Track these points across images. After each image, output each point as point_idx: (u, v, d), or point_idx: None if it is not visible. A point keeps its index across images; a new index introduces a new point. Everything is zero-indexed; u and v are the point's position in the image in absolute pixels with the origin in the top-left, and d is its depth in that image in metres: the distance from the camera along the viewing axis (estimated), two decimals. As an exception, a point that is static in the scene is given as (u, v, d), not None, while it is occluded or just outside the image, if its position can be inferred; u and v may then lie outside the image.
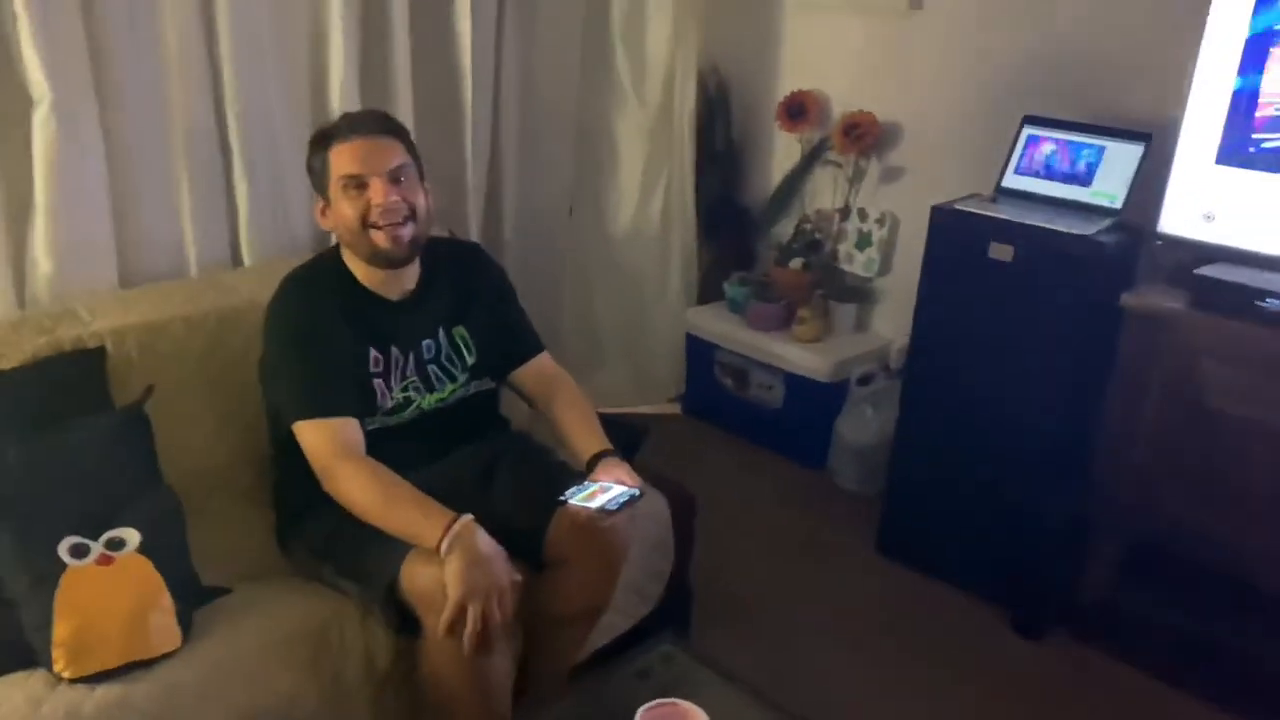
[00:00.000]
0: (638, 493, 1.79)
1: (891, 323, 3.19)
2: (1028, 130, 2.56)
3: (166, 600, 1.54)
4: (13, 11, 1.94)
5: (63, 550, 1.51)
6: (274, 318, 1.85)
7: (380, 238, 1.79)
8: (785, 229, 3.40)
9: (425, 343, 1.92)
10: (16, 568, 1.51)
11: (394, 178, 1.79)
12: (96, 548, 1.53)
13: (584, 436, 1.96)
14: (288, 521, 1.91)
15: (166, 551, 1.59)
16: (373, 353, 1.85)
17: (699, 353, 3.42)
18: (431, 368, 1.92)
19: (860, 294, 3.27)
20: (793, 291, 3.27)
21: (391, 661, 1.72)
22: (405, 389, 1.88)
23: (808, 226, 3.32)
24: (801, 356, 3.14)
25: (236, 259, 2.41)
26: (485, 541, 1.63)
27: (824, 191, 3.30)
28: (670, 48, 3.11)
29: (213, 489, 2.02)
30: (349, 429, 1.76)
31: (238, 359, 2.07)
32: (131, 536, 1.56)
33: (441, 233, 2.22)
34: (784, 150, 3.38)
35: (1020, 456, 2.42)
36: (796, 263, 3.27)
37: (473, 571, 1.58)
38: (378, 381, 1.85)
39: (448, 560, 1.59)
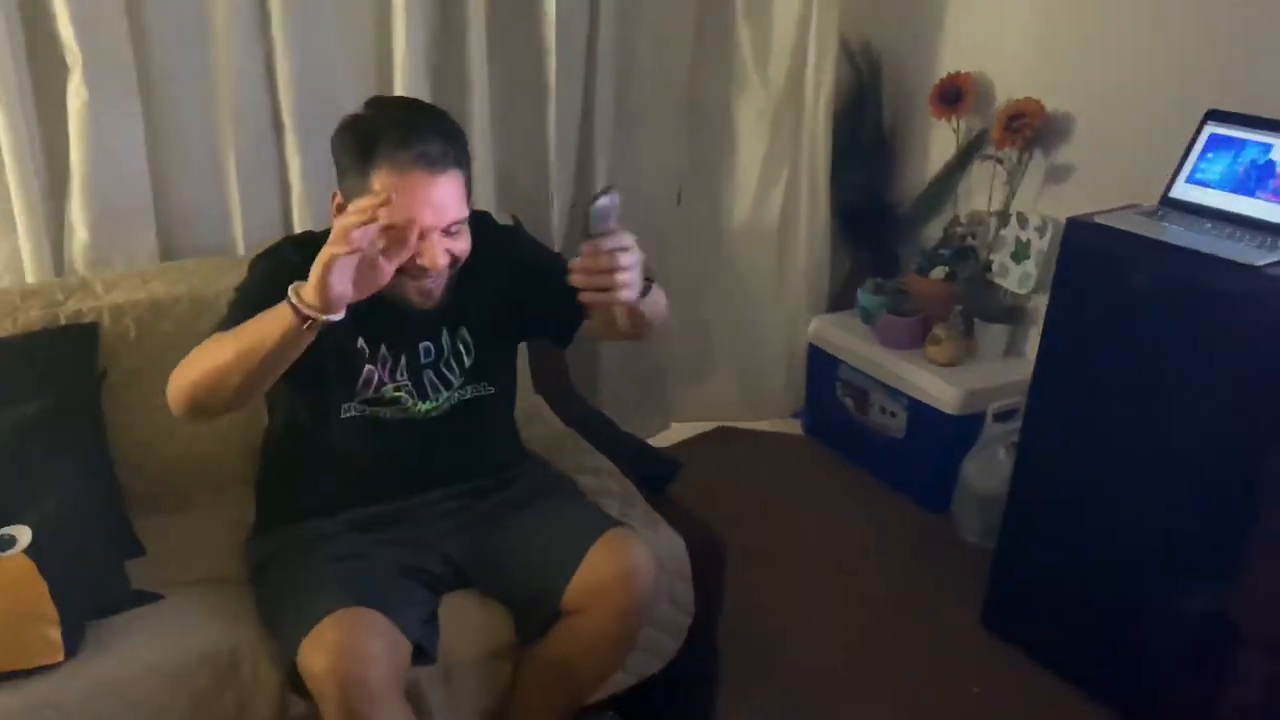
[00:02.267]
0: (602, 198, 1.34)
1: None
2: (1210, 128, 2.03)
3: (48, 609, 1.42)
4: (44, -29, 1.90)
5: (-51, 544, 1.42)
6: (255, 259, 1.62)
7: (411, 289, 1.53)
8: (935, 232, 2.96)
9: (424, 345, 1.69)
10: (-99, 558, 1.44)
11: (450, 232, 1.49)
12: (-16, 545, 1.44)
13: None
14: (256, 525, 1.77)
15: (61, 555, 1.47)
16: (360, 340, 1.63)
17: (822, 367, 3.05)
18: (427, 374, 1.69)
19: (1012, 314, 2.79)
20: (930, 305, 2.84)
21: (309, 712, 1.53)
22: (397, 389, 1.68)
23: (958, 230, 2.87)
24: (929, 382, 2.71)
25: (289, 236, 2.30)
26: None
27: (981, 191, 2.83)
28: (801, 24, 2.74)
29: (197, 480, 1.92)
30: None
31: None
32: (23, 535, 1.46)
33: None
34: (942, 142, 2.94)
35: (1153, 534, 1.94)
36: (938, 271, 2.83)
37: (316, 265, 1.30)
38: (369, 369, 1.63)
39: (302, 292, 1.31)
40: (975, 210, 2.85)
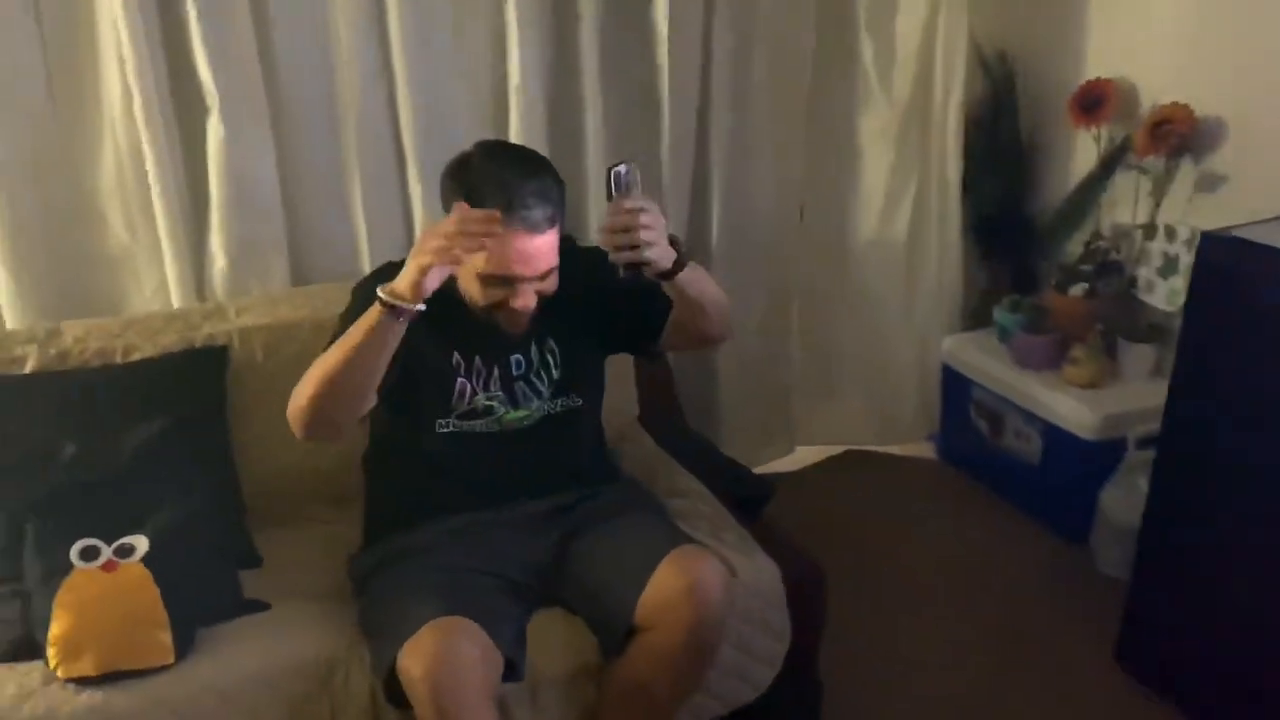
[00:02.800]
0: (620, 166, 1.46)
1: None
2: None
3: (160, 614, 1.52)
4: (185, 20, 2.05)
5: (74, 550, 1.55)
6: (359, 284, 1.74)
7: (503, 322, 1.65)
8: (1076, 246, 2.80)
9: (515, 357, 1.76)
10: (34, 561, 1.58)
11: (543, 277, 1.60)
12: (106, 552, 1.56)
13: None
14: (362, 541, 1.85)
15: (176, 564, 1.58)
16: (456, 355, 1.72)
17: (956, 387, 2.93)
18: (519, 384, 1.77)
19: (1158, 333, 2.60)
20: (1069, 323, 2.68)
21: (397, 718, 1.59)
22: (489, 399, 1.75)
23: (1101, 245, 2.71)
24: (1066, 405, 2.56)
25: (413, 262, 2.40)
26: None
27: (1125, 203, 2.67)
28: (926, 32, 2.65)
29: (314, 496, 2.02)
30: None
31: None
32: (141, 545, 1.57)
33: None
34: (1083, 151, 2.78)
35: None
36: (1078, 288, 2.68)
37: (415, 248, 1.45)
38: (460, 381, 1.72)
39: (404, 274, 1.45)
40: (1119, 223, 2.68)
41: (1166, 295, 2.55)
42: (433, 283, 1.45)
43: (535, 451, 1.79)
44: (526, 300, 1.59)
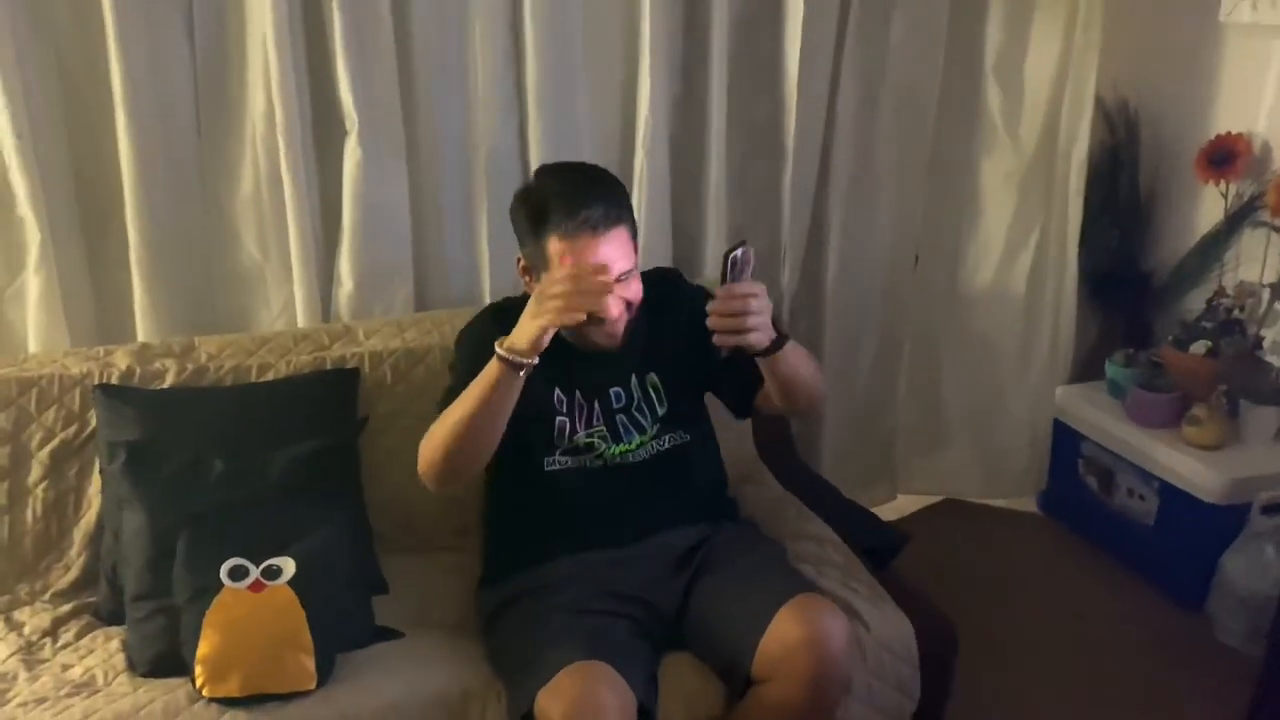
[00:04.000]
0: (737, 250, 1.50)
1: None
2: None
3: (305, 638, 1.52)
4: (331, 46, 2.08)
5: (224, 569, 1.55)
6: (460, 335, 1.82)
7: (596, 336, 1.66)
8: (1195, 302, 2.73)
9: (614, 390, 1.77)
10: (184, 578, 1.58)
11: (620, 282, 1.62)
12: (254, 573, 1.56)
13: None
14: (484, 574, 1.85)
15: (319, 588, 1.58)
16: (556, 392, 1.74)
17: (1064, 441, 2.87)
18: (620, 418, 1.77)
19: (1286, 396, 2.54)
20: (1190, 381, 2.62)
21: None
22: (590, 435, 1.75)
23: (1224, 302, 2.64)
24: (1188, 465, 2.49)
25: (531, 293, 2.40)
26: None
27: (1252, 261, 2.61)
28: (1055, 82, 2.61)
29: (439, 525, 2.02)
30: None
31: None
32: (288, 567, 1.57)
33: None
34: (1207, 206, 2.73)
35: None
36: (1199, 346, 2.62)
37: (527, 312, 1.49)
38: (560, 419, 1.73)
39: (511, 339, 1.49)
40: (1245, 281, 2.62)
41: (1294, 357, 2.49)
42: (548, 338, 1.49)
43: (645, 487, 1.78)
44: (611, 307, 1.57)
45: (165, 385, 1.92)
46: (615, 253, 1.60)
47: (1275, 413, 2.54)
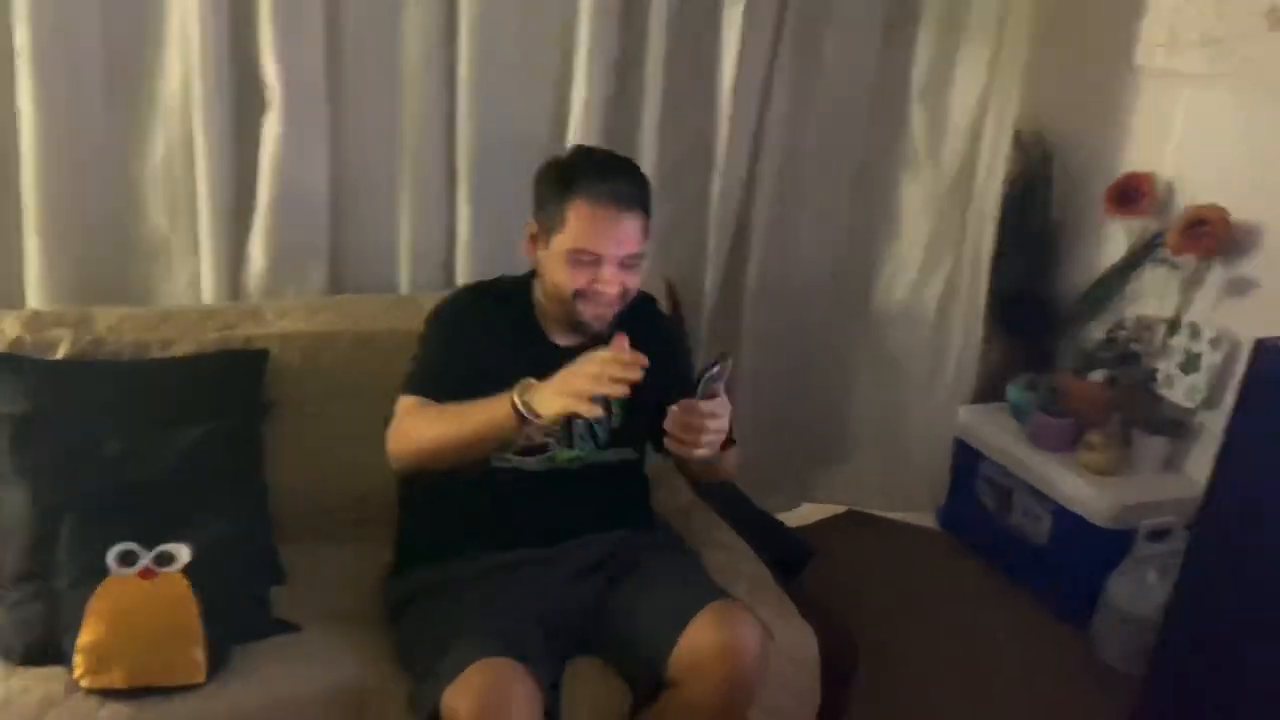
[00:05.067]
0: (714, 364, 1.51)
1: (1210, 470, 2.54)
2: None
3: (196, 629, 1.46)
4: (255, 16, 2.01)
5: (112, 554, 1.48)
6: (435, 311, 1.80)
7: (586, 312, 1.70)
8: (1096, 332, 2.83)
9: None
10: (67, 561, 1.51)
11: (627, 264, 1.67)
12: (145, 559, 1.49)
13: None
14: (395, 563, 1.81)
15: (214, 577, 1.52)
16: None
17: (965, 459, 2.94)
18: (578, 424, 1.77)
19: (1175, 427, 2.64)
20: (1087, 409, 2.71)
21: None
22: (547, 437, 1.73)
23: (1123, 334, 2.74)
24: (1080, 490, 2.58)
25: (450, 282, 2.35)
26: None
27: (1151, 295, 2.71)
28: (978, 109, 2.67)
29: (344, 513, 1.96)
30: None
31: (400, 380, 1.99)
32: (182, 554, 1.51)
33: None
34: (1113, 241, 2.82)
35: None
36: (1098, 375, 2.71)
37: (555, 381, 1.44)
38: None
39: (535, 400, 1.45)
40: (1144, 315, 2.72)
41: (1185, 391, 2.59)
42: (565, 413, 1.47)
43: (582, 496, 1.78)
44: (610, 282, 1.64)
45: (58, 356, 1.82)
46: (631, 233, 1.65)
47: (1165, 443, 2.64)
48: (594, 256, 1.64)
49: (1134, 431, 2.67)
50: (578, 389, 1.42)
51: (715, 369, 1.49)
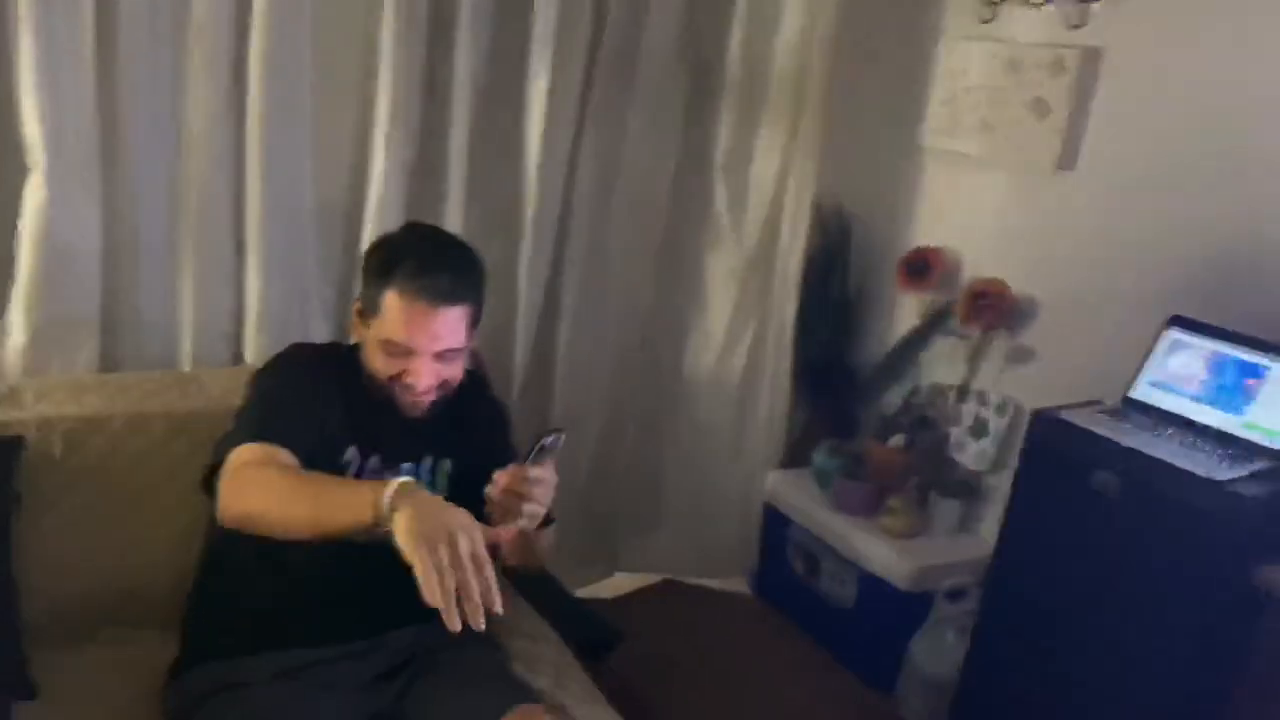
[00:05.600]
0: (551, 435, 1.48)
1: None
2: (1173, 334, 2.06)
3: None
4: (14, 64, 1.85)
5: None
6: (264, 366, 1.72)
7: (402, 398, 1.65)
8: (895, 398, 2.95)
9: (406, 465, 1.70)
10: None
11: (444, 357, 1.61)
12: None
13: None
14: (180, 663, 1.66)
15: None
16: (352, 449, 1.65)
17: (774, 524, 2.98)
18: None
19: (968, 489, 2.76)
20: (887, 472, 2.80)
21: None
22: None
23: (917, 401, 2.86)
24: (880, 553, 2.65)
25: (238, 358, 2.22)
26: (431, 496, 1.34)
27: (943, 364, 2.85)
28: (777, 184, 2.76)
29: (110, 615, 1.79)
30: (285, 456, 1.50)
31: (179, 466, 1.85)
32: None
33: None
34: (908, 309, 2.96)
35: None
36: (897, 440, 2.81)
37: (424, 516, 1.27)
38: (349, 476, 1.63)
39: (395, 520, 1.28)
40: (936, 382, 2.85)
41: (975, 455, 2.72)
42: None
43: (394, 575, 1.65)
44: (421, 375, 1.58)
45: None
46: (446, 329, 1.59)
47: (958, 505, 2.75)
48: (407, 349, 1.59)
49: (930, 494, 2.77)
50: (436, 534, 1.25)
51: (551, 439, 1.47)
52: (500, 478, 1.46)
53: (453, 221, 2.32)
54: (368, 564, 1.63)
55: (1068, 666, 1.94)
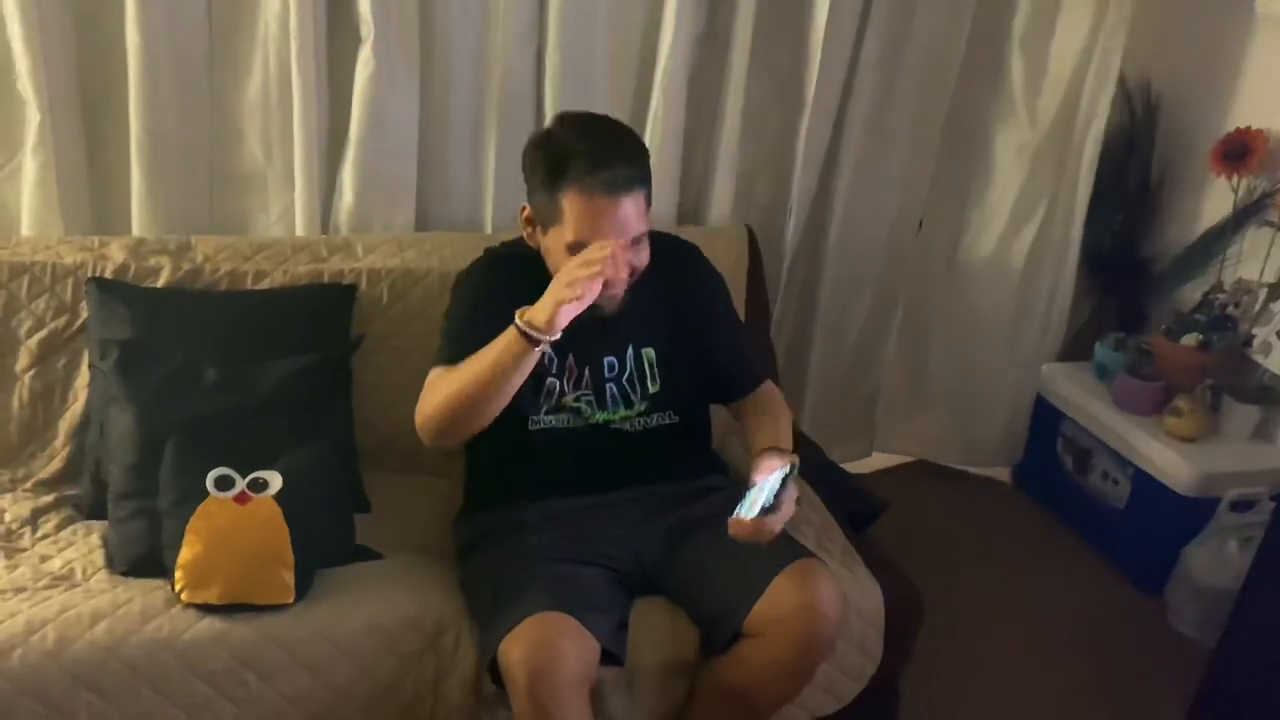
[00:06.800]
0: (787, 469, 1.59)
1: (1303, 441, 2.47)
2: None
3: (287, 553, 1.54)
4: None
5: (210, 478, 1.56)
6: (458, 280, 1.79)
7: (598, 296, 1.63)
8: (1192, 294, 2.75)
9: (608, 359, 1.76)
10: (170, 483, 1.59)
11: (631, 247, 1.59)
12: (240, 484, 1.57)
13: (758, 436, 1.76)
14: (463, 505, 1.86)
15: (304, 505, 1.59)
16: (549, 352, 1.69)
17: (1045, 417, 2.89)
18: (610, 387, 1.76)
19: (1268, 395, 2.56)
20: (1177, 373, 2.64)
21: (496, 696, 1.59)
22: (577, 400, 1.75)
23: (1220, 297, 2.65)
24: (1163, 455, 2.52)
25: (533, 219, 2.37)
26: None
27: (1254, 259, 2.61)
28: (1081, 57, 2.57)
29: (424, 448, 1.99)
30: None
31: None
32: (274, 481, 1.57)
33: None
34: (1216, 199, 2.72)
35: None
36: (1191, 338, 2.63)
37: (552, 286, 1.49)
38: (550, 380, 1.72)
39: (532, 315, 1.49)
40: (1243, 278, 2.63)
41: (1281, 359, 2.51)
42: (567, 318, 1.49)
43: (629, 453, 1.78)
44: (618, 269, 1.52)
45: (159, 284, 1.90)
46: (632, 216, 1.57)
47: (1256, 411, 2.57)
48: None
49: (1224, 398, 2.59)
50: (567, 280, 1.46)
51: (784, 475, 1.56)
52: (741, 533, 1.55)
53: (734, 91, 2.34)
54: (609, 437, 1.77)
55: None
